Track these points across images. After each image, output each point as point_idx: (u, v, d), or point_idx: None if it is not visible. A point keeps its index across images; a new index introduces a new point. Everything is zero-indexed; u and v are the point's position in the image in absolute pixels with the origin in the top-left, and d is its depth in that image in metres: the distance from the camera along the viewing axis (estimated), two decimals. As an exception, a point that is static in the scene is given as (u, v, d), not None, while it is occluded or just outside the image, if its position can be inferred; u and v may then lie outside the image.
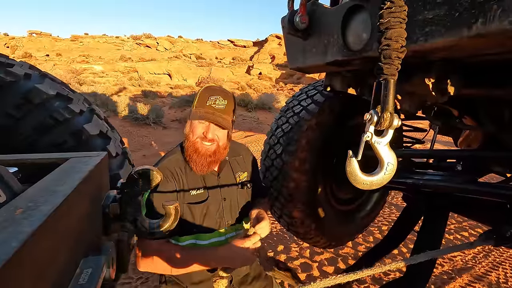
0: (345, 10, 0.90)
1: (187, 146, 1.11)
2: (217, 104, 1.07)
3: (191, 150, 1.09)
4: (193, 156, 1.09)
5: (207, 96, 1.08)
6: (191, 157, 1.10)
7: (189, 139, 1.10)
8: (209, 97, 1.08)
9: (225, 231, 1.19)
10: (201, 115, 1.06)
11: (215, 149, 1.10)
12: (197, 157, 1.09)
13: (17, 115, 1.14)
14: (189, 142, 1.10)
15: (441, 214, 1.32)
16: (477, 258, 2.74)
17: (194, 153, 1.09)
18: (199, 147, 1.08)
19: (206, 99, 1.08)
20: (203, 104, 1.07)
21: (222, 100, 1.08)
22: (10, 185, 0.48)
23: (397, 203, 3.96)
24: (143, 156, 6.02)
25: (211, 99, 1.07)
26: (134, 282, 2.19)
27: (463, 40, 0.59)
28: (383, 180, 0.64)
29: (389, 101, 0.59)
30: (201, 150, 1.08)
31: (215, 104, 1.07)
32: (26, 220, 0.38)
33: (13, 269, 0.31)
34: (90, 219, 0.59)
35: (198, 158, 1.09)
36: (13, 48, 33.33)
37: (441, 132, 1.92)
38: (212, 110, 1.06)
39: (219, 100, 1.08)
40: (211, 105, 1.07)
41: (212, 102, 1.07)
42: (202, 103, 1.08)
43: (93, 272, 0.51)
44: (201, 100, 1.08)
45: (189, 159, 1.11)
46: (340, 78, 1.30)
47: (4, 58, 1.24)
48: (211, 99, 1.07)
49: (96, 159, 0.70)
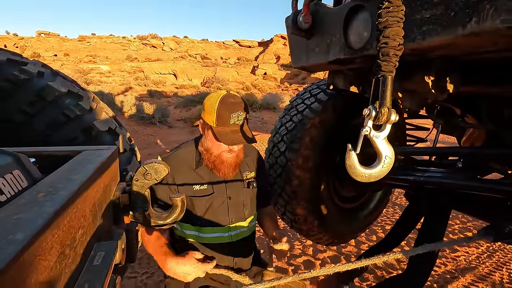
0: (347, 10, 0.92)
1: (212, 159, 1.15)
2: (239, 120, 1.09)
3: (218, 162, 1.15)
4: (221, 167, 1.15)
5: (228, 114, 1.07)
6: (219, 167, 1.15)
7: (213, 153, 1.14)
8: (231, 115, 1.07)
9: (229, 228, 1.22)
10: (232, 140, 1.07)
11: (237, 154, 1.16)
12: (223, 167, 1.15)
13: (31, 112, 1.19)
14: (213, 156, 1.14)
15: (443, 211, 1.33)
16: (481, 258, 2.73)
17: (221, 164, 1.15)
18: (225, 159, 1.14)
19: (228, 117, 1.07)
20: (226, 123, 1.07)
21: (242, 114, 1.09)
22: (31, 172, 0.52)
23: (400, 203, 3.95)
24: (149, 155, 6.09)
25: (233, 116, 1.07)
26: (140, 276, 2.24)
27: (459, 38, 0.62)
28: (381, 173, 0.67)
29: (386, 96, 0.61)
30: (228, 161, 1.15)
31: (238, 120, 1.08)
32: (49, 202, 0.42)
33: (40, 244, 0.34)
34: (102, 207, 0.63)
35: (224, 167, 1.16)
36: (22, 48, 33.87)
37: (444, 131, 1.93)
38: (237, 128, 1.08)
39: (240, 115, 1.09)
40: (234, 123, 1.08)
41: (235, 120, 1.08)
42: (224, 122, 1.07)
43: (106, 255, 0.55)
44: (223, 119, 1.07)
45: (216, 169, 1.16)
46: (342, 77, 1.33)
47: (19, 57, 1.29)
48: (233, 117, 1.07)
49: (108, 152, 0.75)
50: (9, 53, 1.29)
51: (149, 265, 2.39)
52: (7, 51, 1.33)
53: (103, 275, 0.50)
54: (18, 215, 0.37)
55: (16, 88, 1.16)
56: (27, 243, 0.31)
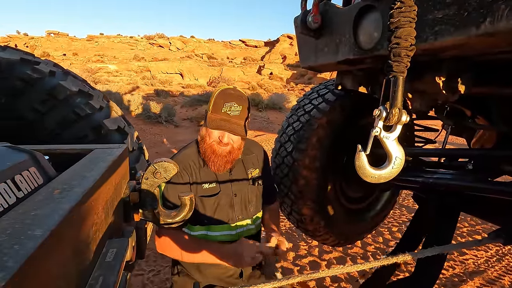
0: (357, 10, 0.92)
1: (204, 148, 1.16)
2: (232, 110, 1.10)
3: (209, 151, 1.15)
4: (211, 157, 1.15)
5: (222, 103, 1.10)
6: (209, 157, 1.16)
7: (206, 141, 1.15)
8: (224, 103, 1.10)
9: (236, 226, 1.23)
10: (217, 125, 1.10)
11: (230, 150, 1.16)
12: (215, 158, 1.15)
13: (42, 110, 1.21)
14: (206, 144, 1.16)
15: (451, 214, 1.32)
16: (490, 262, 2.69)
17: (212, 154, 1.15)
18: (216, 149, 1.14)
19: (221, 105, 1.10)
20: (218, 110, 1.10)
21: (237, 106, 1.11)
22: (46, 170, 0.53)
23: (408, 204, 3.91)
24: (156, 153, 6.14)
25: (226, 105, 1.10)
26: (147, 274, 2.26)
27: (472, 38, 0.61)
28: (391, 174, 0.66)
29: (397, 97, 0.61)
30: (218, 151, 1.15)
31: (230, 110, 1.10)
32: (64, 199, 0.43)
33: (57, 239, 0.35)
34: (114, 204, 0.64)
35: (215, 158, 1.15)
36: (32, 47, 34.44)
37: (454, 132, 1.90)
38: (227, 117, 1.10)
39: (234, 107, 1.10)
40: (226, 111, 1.09)
41: (227, 109, 1.09)
42: (217, 109, 1.10)
43: (118, 251, 0.56)
44: (216, 106, 1.11)
45: (207, 159, 1.17)
46: (351, 77, 1.32)
47: (31, 56, 1.31)
48: (226, 105, 1.10)
49: (118, 151, 0.76)
50: (22, 53, 1.32)
51: (155, 262, 2.41)
52: (20, 50, 1.35)
53: (116, 271, 0.51)
54: (36, 211, 0.38)
55: (28, 87, 1.19)
56: (46, 239, 0.32)
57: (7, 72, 1.16)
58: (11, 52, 1.29)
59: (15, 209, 0.39)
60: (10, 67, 1.18)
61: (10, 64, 1.18)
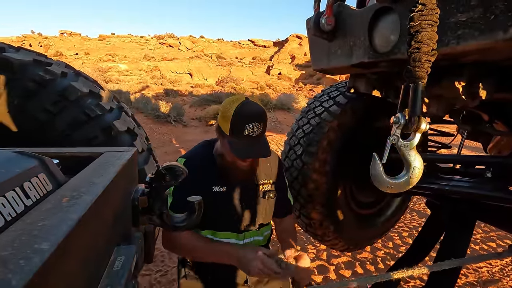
0: (372, 12, 0.89)
1: (224, 163, 1.13)
2: (255, 131, 1.03)
3: (232, 167, 1.12)
4: (233, 171, 1.13)
5: (243, 125, 1.02)
6: (230, 171, 1.13)
7: (226, 158, 1.12)
8: (246, 126, 1.02)
9: (243, 236, 1.21)
10: (246, 155, 1.04)
11: (252, 162, 1.14)
12: (238, 172, 1.13)
13: (54, 111, 1.22)
14: (225, 160, 1.12)
15: (467, 222, 1.27)
16: (505, 271, 2.61)
17: (235, 169, 1.13)
18: (239, 165, 1.12)
19: (242, 128, 1.02)
20: (239, 134, 1.02)
21: (258, 125, 1.03)
22: (55, 175, 0.52)
23: (419, 209, 3.83)
24: (165, 153, 6.18)
25: (248, 128, 1.02)
26: (154, 274, 2.27)
27: (499, 43, 0.58)
28: (408, 184, 0.63)
29: (417, 104, 0.58)
30: (241, 167, 1.12)
31: (253, 132, 1.03)
32: (72, 208, 0.42)
33: (65, 250, 0.34)
34: (122, 210, 0.63)
35: (238, 173, 1.13)
36: (46, 47, 35.21)
37: (469, 137, 1.84)
38: (251, 140, 1.03)
39: (256, 126, 1.03)
40: (248, 134, 1.02)
41: (249, 131, 1.02)
42: (238, 132, 1.02)
43: (126, 260, 0.55)
44: (237, 129, 1.02)
45: (227, 171, 1.14)
46: (365, 80, 1.29)
47: (44, 58, 1.32)
48: (247, 128, 1.02)
49: (128, 154, 0.75)
50: (35, 54, 1.33)
51: (163, 263, 2.41)
52: (32, 51, 1.37)
53: (123, 280, 0.50)
54: (44, 221, 0.37)
55: (41, 88, 1.20)
56: (53, 253, 0.31)
57: (20, 74, 1.17)
58: (24, 53, 1.30)
59: (22, 219, 0.38)
60: (23, 68, 1.19)
61: (23, 66, 1.19)
